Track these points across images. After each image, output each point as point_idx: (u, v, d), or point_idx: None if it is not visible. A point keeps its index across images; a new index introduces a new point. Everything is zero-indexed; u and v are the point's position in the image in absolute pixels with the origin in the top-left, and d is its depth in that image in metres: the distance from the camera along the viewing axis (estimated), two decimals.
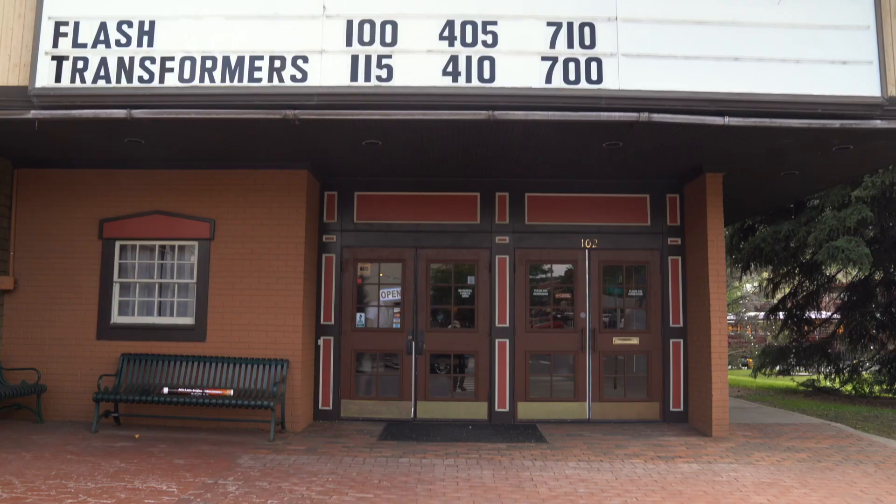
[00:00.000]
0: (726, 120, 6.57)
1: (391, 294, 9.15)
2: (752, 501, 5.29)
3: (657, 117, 6.53)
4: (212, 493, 5.22)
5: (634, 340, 9.04)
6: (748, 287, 30.15)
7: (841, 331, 15.02)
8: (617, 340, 9.02)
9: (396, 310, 9.21)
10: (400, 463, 6.36)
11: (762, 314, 29.09)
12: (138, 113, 6.58)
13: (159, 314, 8.55)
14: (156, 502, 4.94)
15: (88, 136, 7.51)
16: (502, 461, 6.49)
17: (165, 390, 7.63)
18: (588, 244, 9.15)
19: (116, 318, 8.47)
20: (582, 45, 6.52)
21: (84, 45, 6.66)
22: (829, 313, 16.81)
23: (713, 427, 7.91)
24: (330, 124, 6.89)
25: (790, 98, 6.59)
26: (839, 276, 16.71)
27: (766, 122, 6.62)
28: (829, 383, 14.93)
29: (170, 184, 8.61)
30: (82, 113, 6.62)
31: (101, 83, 6.64)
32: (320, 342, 8.98)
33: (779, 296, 16.56)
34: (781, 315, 16.31)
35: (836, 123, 6.63)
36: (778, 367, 15.37)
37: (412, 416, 8.87)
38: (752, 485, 5.77)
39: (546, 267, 9.25)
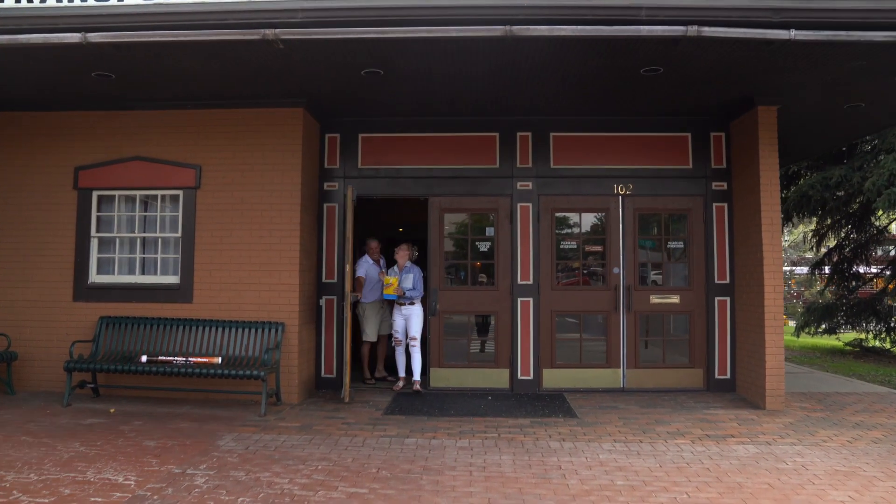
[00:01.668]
0: (792, 33, 5.39)
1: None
2: (830, 498, 4.31)
3: (708, 31, 5.38)
4: (174, 487, 4.37)
5: (674, 299, 7.99)
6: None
7: (893, 286, 13.80)
8: (655, 299, 7.98)
9: None
10: (405, 445, 5.47)
11: (798, 269, 27.74)
12: (95, 37, 5.59)
13: (142, 272, 7.70)
14: (103, 501, 4.10)
15: (49, 70, 6.54)
16: (525, 442, 5.57)
17: (144, 358, 6.79)
18: (622, 190, 8.04)
19: (95, 278, 7.63)
20: None
21: None
22: (879, 267, 15.55)
23: (766, 398, 6.90)
24: (319, 47, 5.83)
25: (873, 4, 5.39)
26: (892, 226, 15.38)
27: (842, 35, 5.42)
28: (878, 343, 13.78)
29: (151, 126, 7.64)
30: (30, 38, 5.64)
31: (51, 2, 5.68)
32: (322, 302, 8.07)
33: (824, 249, 15.33)
34: (827, 269, 15.10)
35: None
36: (824, 326, 14.25)
37: (425, 384, 7.99)
38: (825, 474, 4.78)
39: (574, 216, 8.17)
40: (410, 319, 7.85)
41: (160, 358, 6.80)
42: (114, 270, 7.68)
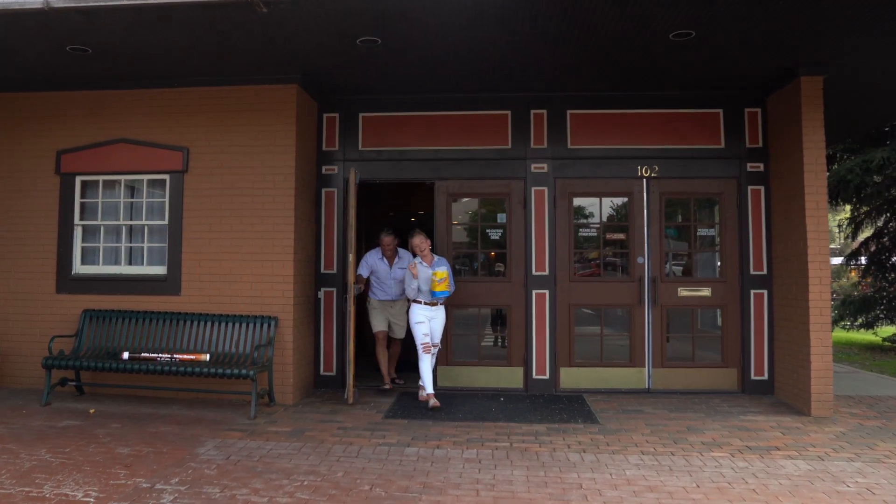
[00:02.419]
0: None
1: None
2: None
3: None
4: None
5: (705, 291, 7.29)
6: None
7: None
8: (683, 291, 7.29)
9: None
10: (405, 456, 4.87)
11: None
12: (58, 2, 5.03)
13: (129, 263, 7.17)
14: None
15: (20, 44, 5.97)
16: (540, 454, 4.94)
17: (125, 355, 6.26)
18: (646, 172, 7.35)
19: (79, 269, 7.11)
20: None
21: None
22: None
23: (812, 403, 6.20)
24: (306, 10, 5.19)
25: None
26: None
27: None
28: None
29: (136, 106, 7.09)
30: None
31: None
32: (321, 295, 7.49)
33: (861, 237, 14.48)
34: (863, 260, 14.26)
35: None
36: (860, 319, 13.45)
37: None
38: None
39: (594, 201, 7.49)
40: (435, 322, 6.72)
41: (143, 355, 6.27)
42: (99, 261, 7.16)
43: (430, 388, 6.57)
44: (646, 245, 7.30)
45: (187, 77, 6.88)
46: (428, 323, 6.64)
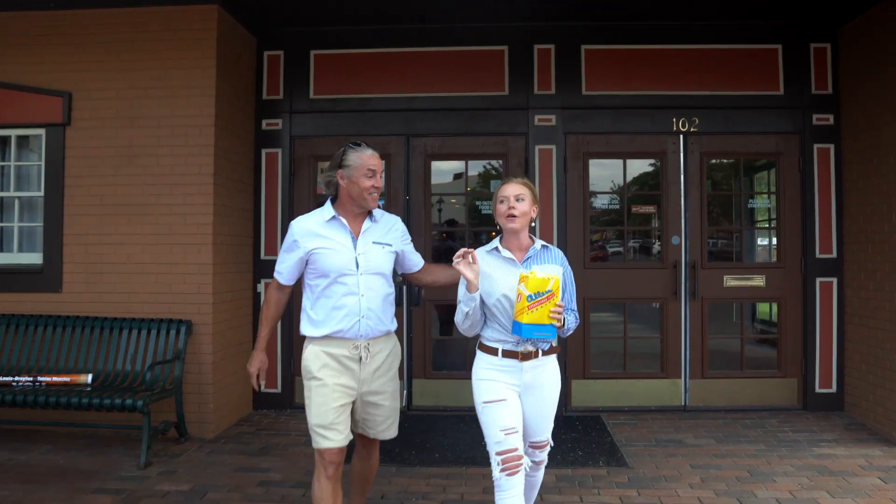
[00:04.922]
0: None
1: None
2: None
3: None
4: None
5: (758, 280, 5.64)
6: None
7: None
8: (730, 280, 5.63)
9: None
10: None
11: None
12: None
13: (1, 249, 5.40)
14: None
15: None
16: None
17: None
18: (684, 126, 5.65)
19: None
20: None
21: None
22: None
23: None
24: None
25: None
26: None
27: None
28: None
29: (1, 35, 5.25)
30: None
31: None
32: (261, 288, 5.76)
33: None
34: None
35: None
36: None
37: (403, 404, 5.72)
38: None
39: (616, 163, 5.76)
40: (541, 392, 2.80)
41: None
42: None
43: None
44: (683, 221, 5.62)
45: None
46: (516, 401, 2.75)
